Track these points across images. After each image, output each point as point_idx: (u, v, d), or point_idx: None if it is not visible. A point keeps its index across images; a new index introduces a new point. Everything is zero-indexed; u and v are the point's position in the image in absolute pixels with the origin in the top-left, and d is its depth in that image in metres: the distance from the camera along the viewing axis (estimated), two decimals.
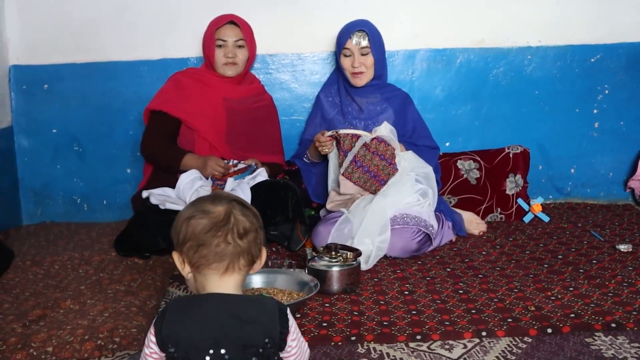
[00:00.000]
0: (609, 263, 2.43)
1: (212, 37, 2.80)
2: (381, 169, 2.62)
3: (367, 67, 2.82)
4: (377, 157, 2.61)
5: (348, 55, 2.82)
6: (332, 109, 2.96)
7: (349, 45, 2.80)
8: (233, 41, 2.81)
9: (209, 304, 1.26)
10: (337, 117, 2.93)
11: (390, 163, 2.63)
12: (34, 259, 2.54)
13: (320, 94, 3.04)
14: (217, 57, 2.82)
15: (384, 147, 2.63)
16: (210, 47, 2.81)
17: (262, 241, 1.35)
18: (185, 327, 1.23)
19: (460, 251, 2.66)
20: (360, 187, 2.65)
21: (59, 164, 3.31)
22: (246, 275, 1.34)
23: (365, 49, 2.79)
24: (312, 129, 3.01)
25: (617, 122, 3.42)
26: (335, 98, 2.97)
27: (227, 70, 2.84)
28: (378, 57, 2.84)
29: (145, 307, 2.01)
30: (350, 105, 2.93)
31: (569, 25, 3.33)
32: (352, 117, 2.91)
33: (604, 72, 3.37)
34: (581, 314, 1.93)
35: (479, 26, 3.31)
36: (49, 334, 1.80)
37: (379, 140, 2.63)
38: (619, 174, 3.48)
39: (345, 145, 2.65)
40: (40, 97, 3.25)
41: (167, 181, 2.68)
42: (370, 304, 2.08)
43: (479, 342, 1.80)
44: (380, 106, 2.90)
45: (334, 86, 3.00)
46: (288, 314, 1.28)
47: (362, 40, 2.79)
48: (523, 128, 3.38)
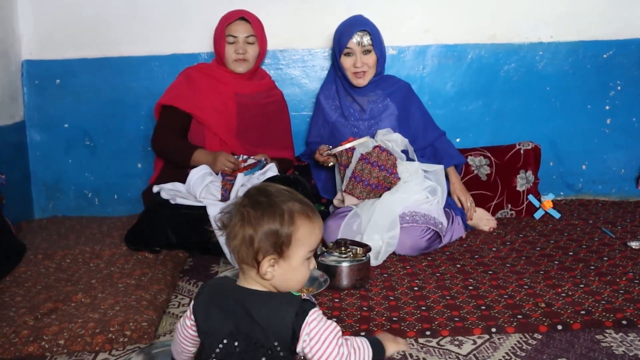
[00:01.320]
0: (620, 260, 2.41)
1: (223, 33, 2.80)
2: (382, 179, 2.60)
3: (370, 67, 2.80)
4: (377, 168, 2.59)
5: (350, 55, 2.80)
6: (334, 112, 2.94)
7: (351, 45, 2.77)
8: (244, 37, 2.81)
9: (233, 295, 1.27)
10: (339, 120, 2.92)
11: (392, 173, 2.60)
12: (45, 253, 2.56)
13: (320, 95, 3.01)
14: (227, 53, 2.82)
15: (385, 157, 2.61)
16: (221, 43, 2.81)
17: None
18: (209, 312, 1.26)
19: (470, 247, 2.65)
20: (364, 199, 2.64)
21: (71, 158, 3.33)
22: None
23: (367, 47, 2.77)
24: (315, 131, 3.00)
25: (629, 119, 3.40)
26: (335, 100, 2.95)
27: (238, 66, 2.84)
28: (380, 55, 2.82)
29: (156, 301, 2.02)
30: (351, 106, 2.91)
31: (581, 21, 3.31)
32: (354, 118, 2.89)
33: (616, 68, 3.35)
34: (592, 310, 1.92)
35: (490, 21, 3.30)
36: (61, 327, 1.82)
37: (381, 150, 2.61)
38: (630, 171, 3.46)
39: (343, 161, 2.65)
40: (52, 92, 3.27)
41: (178, 176, 2.69)
42: (379, 300, 2.08)
43: (489, 338, 1.80)
44: (382, 103, 2.88)
45: (332, 87, 2.97)
46: (308, 316, 1.24)
47: (364, 39, 2.76)
48: (534, 124, 3.37)
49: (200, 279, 2.36)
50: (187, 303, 2.13)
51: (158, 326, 1.92)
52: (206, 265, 2.53)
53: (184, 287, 2.30)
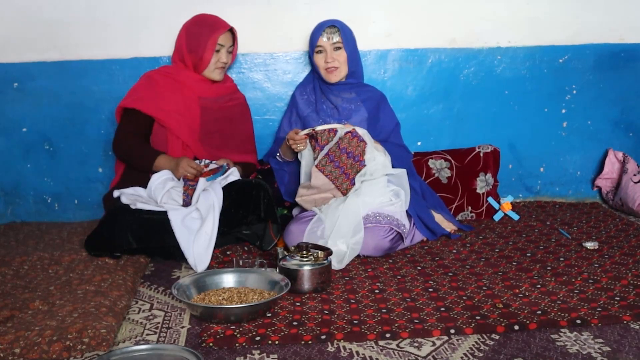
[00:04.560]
0: (576, 260, 2.47)
1: (214, 42, 2.79)
2: (349, 167, 2.63)
3: (341, 63, 2.86)
4: (345, 154, 2.61)
5: (321, 52, 2.85)
6: (307, 106, 2.98)
7: (321, 42, 2.83)
8: (227, 47, 2.86)
9: None
10: (311, 115, 2.95)
11: (358, 160, 2.64)
12: (3, 259, 2.51)
13: (295, 92, 3.06)
14: (212, 61, 2.82)
15: (355, 143, 2.63)
16: (208, 52, 2.80)
17: None
18: None
19: (431, 250, 2.68)
20: (330, 182, 2.65)
21: (30, 163, 3.27)
22: None
23: (337, 44, 2.83)
24: (286, 126, 3.03)
25: (585, 122, 3.49)
26: (310, 96, 2.99)
27: (217, 74, 2.87)
28: (350, 53, 2.87)
29: (115, 308, 2.00)
30: (324, 103, 2.95)
31: (538, 26, 3.37)
32: (326, 115, 2.93)
33: (572, 72, 3.42)
34: (547, 310, 1.97)
35: (450, 26, 3.34)
36: (17, 335, 1.79)
37: (353, 135, 2.63)
38: (586, 173, 3.55)
39: (322, 141, 2.66)
40: (10, 96, 3.21)
41: (139, 180, 2.67)
42: (340, 303, 2.10)
43: (448, 339, 1.83)
44: (355, 104, 2.92)
45: (309, 85, 3.03)
46: None
47: (334, 36, 2.83)
48: (493, 127, 3.42)
49: (161, 284, 2.34)
50: (147, 309, 2.11)
51: (117, 333, 1.91)
52: (168, 270, 2.51)
53: (144, 292, 2.28)
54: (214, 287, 2.16)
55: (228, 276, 2.20)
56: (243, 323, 1.92)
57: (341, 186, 2.64)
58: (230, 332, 1.87)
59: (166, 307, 2.12)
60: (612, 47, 3.42)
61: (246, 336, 1.83)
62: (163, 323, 1.99)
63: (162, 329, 1.95)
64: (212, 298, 2.05)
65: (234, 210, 2.58)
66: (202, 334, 1.86)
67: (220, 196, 2.51)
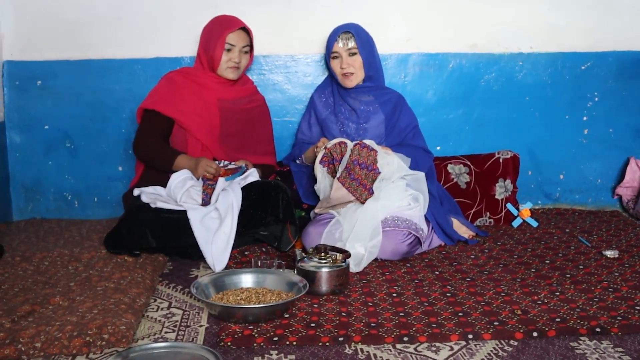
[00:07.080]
0: (596, 269, 2.45)
1: (222, 40, 2.80)
2: (364, 178, 2.62)
3: (356, 68, 2.86)
4: (358, 166, 2.60)
5: (336, 58, 2.86)
6: (325, 109, 2.99)
7: (336, 48, 2.84)
8: (241, 47, 2.85)
9: None
10: (329, 117, 2.96)
11: (372, 169, 2.62)
12: (23, 255, 2.54)
13: (314, 94, 3.07)
14: (223, 60, 2.83)
15: (366, 153, 2.62)
16: (218, 50, 2.81)
17: None
18: None
19: (449, 254, 2.67)
20: (350, 194, 2.64)
21: (51, 160, 3.31)
22: None
23: (352, 50, 2.83)
24: (305, 128, 3.05)
25: (606, 129, 3.46)
26: (328, 99, 3.00)
27: (230, 73, 2.86)
28: (367, 58, 2.86)
29: (135, 305, 2.02)
30: (342, 105, 2.95)
31: (560, 33, 3.36)
32: (344, 117, 2.93)
33: (594, 79, 3.40)
34: (567, 318, 1.95)
35: (471, 31, 3.34)
36: (38, 329, 1.81)
37: (362, 146, 2.63)
38: (607, 181, 3.52)
39: (338, 155, 2.66)
40: (33, 93, 3.25)
41: (159, 179, 2.69)
42: (358, 305, 2.09)
43: (466, 344, 1.82)
44: (373, 106, 2.92)
45: (327, 88, 3.04)
46: None
47: (349, 42, 2.82)
48: (513, 133, 3.41)
49: (179, 283, 2.35)
50: (165, 307, 2.13)
51: (136, 330, 1.92)
52: (186, 269, 2.52)
53: (163, 291, 2.29)
54: (232, 287, 2.17)
55: (246, 276, 2.20)
56: (261, 323, 1.93)
57: (360, 197, 2.63)
58: (249, 332, 1.87)
59: (184, 306, 2.13)
60: (634, 54, 3.40)
61: (264, 336, 1.84)
62: (181, 321, 2.00)
63: (181, 327, 1.95)
64: (230, 298, 2.06)
65: (252, 210, 2.59)
66: (220, 333, 1.86)
67: (239, 196, 2.52)
